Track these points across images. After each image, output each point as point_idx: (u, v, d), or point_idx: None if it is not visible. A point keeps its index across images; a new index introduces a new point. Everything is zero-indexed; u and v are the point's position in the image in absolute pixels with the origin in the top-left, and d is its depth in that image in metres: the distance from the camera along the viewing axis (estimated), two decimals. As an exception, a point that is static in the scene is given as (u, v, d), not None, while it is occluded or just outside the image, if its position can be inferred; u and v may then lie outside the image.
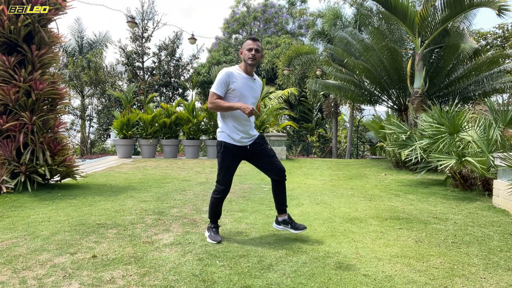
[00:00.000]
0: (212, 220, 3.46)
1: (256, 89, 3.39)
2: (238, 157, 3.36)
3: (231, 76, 3.24)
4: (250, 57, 3.24)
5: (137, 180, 7.18)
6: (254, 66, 3.31)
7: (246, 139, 3.35)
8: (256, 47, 3.26)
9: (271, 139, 11.99)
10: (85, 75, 17.90)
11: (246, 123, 3.34)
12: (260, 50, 3.29)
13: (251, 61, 3.25)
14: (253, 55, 3.24)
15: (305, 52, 15.90)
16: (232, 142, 3.30)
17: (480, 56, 11.35)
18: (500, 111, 5.97)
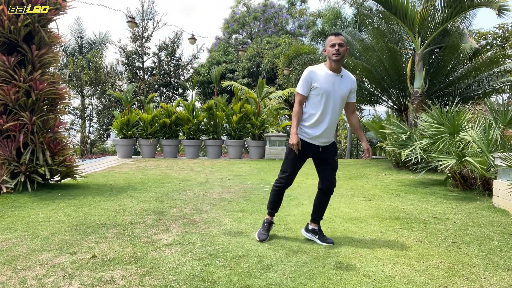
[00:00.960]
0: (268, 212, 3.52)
1: (342, 86, 3.20)
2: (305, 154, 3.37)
3: (314, 74, 3.18)
4: (334, 53, 3.10)
5: (137, 180, 7.18)
6: (340, 62, 3.15)
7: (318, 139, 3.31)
8: (339, 41, 3.11)
9: (271, 139, 12.00)
10: (85, 75, 17.90)
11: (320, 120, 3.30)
12: (344, 44, 3.13)
13: (335, 57, 3.10)
14: (337, 50, 3.09)
15: (305, 52, 15.88)
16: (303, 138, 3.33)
17: (480, 56, 11.35)
18: (500, 111, 5.96)
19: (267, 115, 12.45)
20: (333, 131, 3.33)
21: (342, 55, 3.14)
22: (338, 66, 3.19)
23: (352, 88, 3.27)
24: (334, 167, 3.37)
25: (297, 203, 5.08)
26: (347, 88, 3.24)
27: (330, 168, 3.35)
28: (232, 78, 20.99)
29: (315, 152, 3.32)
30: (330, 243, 3.35)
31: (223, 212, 4.49)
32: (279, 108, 13.78)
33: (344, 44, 3.16)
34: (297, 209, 4.71)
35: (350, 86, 3.25)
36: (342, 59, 3.16)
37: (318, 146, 3.29)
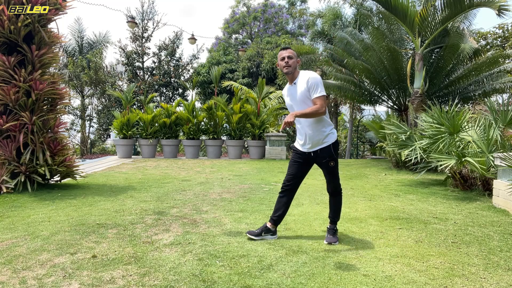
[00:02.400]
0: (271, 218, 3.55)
1: (294, 93, 3.29)
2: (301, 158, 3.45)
3: (284, 95, 3.46)
4: (284, 65, 3.26)
5: (137, 180, 7.18)
6: (292, 74, 3.27)
7: (305, 146, 3.39)
8: (288, 54, 3.25)
9: (271, 139, 11.99)
10: (85, 75, 17.90)
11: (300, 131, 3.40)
12: (293, 56, 3.26)
13: (286, 69, 3.26)
14: (286, 62, 3.24)
15: (305, 52, 15.88)
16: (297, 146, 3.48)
17: (480, 56, 11.34)
18: (500, 111, 5.96)
19: (267, 115, 12.45)
20: (316, 136, 3.30)
21: (293, 67, 3.26)
22: (292, 77, 3.30)
23: (308, 86, 3.20)
24: (330, 170, 3.37)
25: (297, 203, 5.08)
26: (302, 91, 3.24)
27: (327, 172, 3.39)
28: (232, 78, 20.99)
29: (308, 157, 3.40)
30: (327, 242, 3.37)
31: (223, 212, 4.49)
32: (279, 108, 13.78)
33: (294, 56, 3.28)
34: (297, 209, 4.71)
35: (305, 86, 3.22)
36: (294, 70, 3.27)
37: (308, 152, 3.37)
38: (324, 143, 3.32)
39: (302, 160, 3.42)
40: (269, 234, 3.49)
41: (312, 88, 3.19)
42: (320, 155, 3.33)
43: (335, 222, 3.51)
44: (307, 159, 3.41)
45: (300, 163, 3.43)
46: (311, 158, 3.39)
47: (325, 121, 3.31)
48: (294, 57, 3.27)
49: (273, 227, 3.50)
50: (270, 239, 3.47)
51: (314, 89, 3.18)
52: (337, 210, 3.51)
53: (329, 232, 3.46)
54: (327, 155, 3.32)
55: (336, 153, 3.36)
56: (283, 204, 3.50)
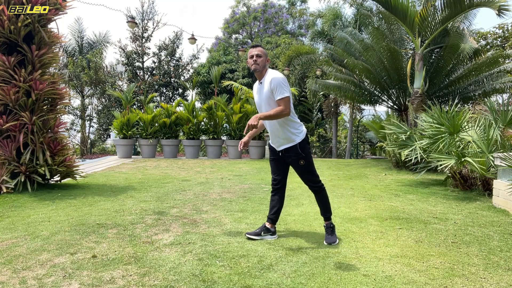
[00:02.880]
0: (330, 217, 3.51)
1: (261, 92, 3.29)
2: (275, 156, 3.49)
3: (253, 90, 3.49)
4: (252, 63, 3.28)
5: (137, 180, 7.18)
6: (260, 72, 3.28)
7: (274, 145, 3.43)
8: (257, 52, 3.26)
9: (271, 139, 11.98)
10: (85, 75, 17.90)
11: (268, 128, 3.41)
12: (262, 55, 3.26)
13: (254, 67, 3.27)
14: (254, 60, 3.26)
15: (305, 52, 15.89)
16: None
17: (480, 56, 11.33)
18: (500, 111, 5.96)
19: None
20: (282, 135, 3.29)
21: (262, 65, 3.26)
22: (260, 75, 3.30)
23: (271, 87, 3.16)
24: (301, 169, 3.35)
25: (297, 203, 5.08)
26: (266, 91, 3.23)
27: (298, 171, 3.39)
28: (232, 78, 20.99)
29: (278, 154, 3.43)
30: (329, 243, 3.35)
31: (223, 212, 4.49)
32: (279, 108, 13.75)
33: (263, 55, 3.27)
34: (297, 209, 4.71)
35: (269, 86, 3.19)
36: (262, 69, 3.27)
37: (278, 151, 3.42)
38: (290, 143, 3.30)
39: (276, 157, 3.45)
40: (269, 234, 3.49)
41: (275, 89, 3.14)
42: (286, 155, 3.35)
43: (329, 218, 3.47)
44: (277, 155, 3.44)
45: (276, 160, 3.47)
46: (283, 156, 3.40)
47: (291, 121, 3.27)
48: (263, 55, 3.27)
49: (272, 226, 3.51)
50: (270, 239, 3.47)
51: (277, 90, 3.13)
52: (325, 205, 3.46)
53: (327, 232, 3.44)
54: (293, 154, 3.30)
55: (305, 151, 3.29)
56: (277, 201, 3.52)
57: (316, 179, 3.38)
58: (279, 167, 3.48)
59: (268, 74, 3.25)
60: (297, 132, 3.29)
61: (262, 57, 3.27)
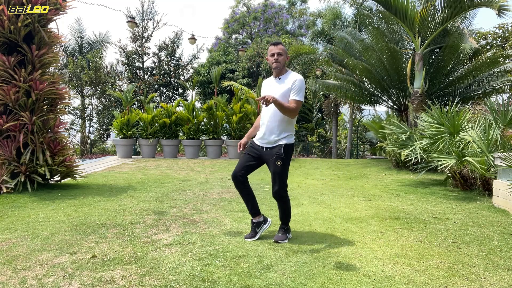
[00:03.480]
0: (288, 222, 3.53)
1: (279, 86, 3.32)
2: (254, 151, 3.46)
3: (263, 84, 3.51)
4: (273, 62, 3.31)
5: (137, 180, 7.18)
6: (279, 70, 3.32)
7: (261, 140, 3.41)
8: (278, 51, 3.29)
9: (271, 139, 11.97)
10: (85, 75, 17.90)
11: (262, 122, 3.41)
12: (283, 53, 3.30)
13: (275, 66, 3.31)
14: (276, 59, 3.29)
15: (305, 52, 15.89)
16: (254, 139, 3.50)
17: (480, 56, 11.34)
18: (500, 111, 5.96)
19: (267, 115, 12.42)
20: (275, 134, 3.31)
21: (282, 64, 3.32)
22: (279, 72, 3.35)
23: (292, 86, 3.25)
24: (276, 170, 3.32)
25: (297, 203, 5.08)
26: (286, 89, 3.27)
27: (273, 171, 3.35)
28: (232, 78, 20.98)
29: (261, 152, 3.40)
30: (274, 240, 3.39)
31: (223, 212, 4.49)
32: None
33: (284, 53, 3.31)
34: (297, 209, 4.71)
35: (289, 86, 3.26)
36: (282, 67, 3.33)
37: (262, 147, 3.39)
38: (278, 142, 3.33)
39: (254, 154, 3.43)
40: (262, 225, 3.52)
41: (295, 89, 3.24)
42: (270, 153, 3.34)
43: (286, 223, 3.50)
44: (259, 154, 3.41)
45: (252, 156, 3.44)
46: (263, 154, 3.38)
47: (289, 125, 3.33)
48: (284, 54, 3.31)
49: (259, 217, 3.53)
50: (266, 227, 3.52)
51: (297, 91, 3.24)
52: (287, 213, 3.47)
53: (279, 231, 3.48)
54: (275, 153, 3.31)
55: (286, 155, 3.31)
56: (248, 195, 3.51)
57: (285, 187, 3.37)
58: (251, 164, 3.45)
59: (292, 73, 3.34)
60: (289, 136, 3.34)
61: (283, 56, 3.31)
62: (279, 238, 3.40)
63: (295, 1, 27.78)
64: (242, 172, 3.45)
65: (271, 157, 3.33)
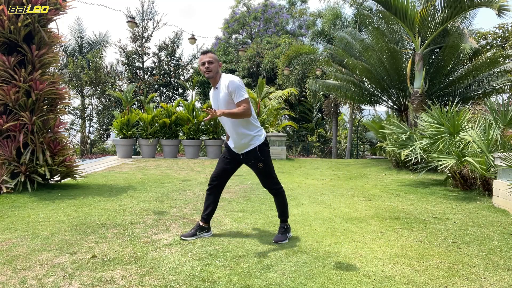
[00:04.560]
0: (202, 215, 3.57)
1: (218, 97, 3.30)
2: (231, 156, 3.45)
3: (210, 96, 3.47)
4: (204, 71, 3.26)
5: (137, 180, 7.18)
6: (213, 78, 3.26)
7: (236, 149, 3.40)
8: (208, 59, 3.23)
9: (271, 139, 11.99)
10: (85, 75, 17.91)
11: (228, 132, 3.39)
12: (213, 61, 3.23)
13: (207, 74, 3.26)
14: (207, 67, 3.24)
15: (305, 52, 15.90)
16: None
17: (480, 56, 11.34)
18: (500, 111, 5.97)
19: (267, 115, 12.45)
20: (242, 139, 3.30)
21: (215, 71, 3.25)
22: (214, 81, 3.29)
23: (229, 91, 3.19)
24: (260, 171, 3.38)
25: (297, 203, 5.08)
26: (223, 96, 3.24)
27: (257, 172, 3.41)
28: (232, 78, 20.95)
29: (237, 157, 3.42)
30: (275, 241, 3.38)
31: (223, 212, 4.49)
32: (279, 108, 13.78)
33: (215, 61, 3.26)
34: (297, 209, 4.71)
35: (226, 91, 3.21)
36: (215, 75, 3.26)
37: (238, 154, 3.41)
38: (250, 146, 3.31)
39: (231, 158, 3.44)
40: (204, 231, 3.52)
41: (233, 93, 3.18)
42: (246, 158, 3.35)
43: (284, 221, 3.52)
44: (236, 158, 3.43)
45: (230, 160, 3.45)
46: (240, 159, 3.41)
47: (250, 123, 3.29)
48: (215, 61, 3.25)
49: (206, 224, 3.53)
50: (206, 236, 3.51)
51: (236, 93, 3.17)
52: (283, 209, 3.50)
53: (279, 231, 3.49)
54: (252, 158, 3.31)
55: (264, 154, 3.31)
56: (212, 202, 3.52)
57: (275, 182, 3.41)
58: (231, 166, 3.45)
59: (223, 78, 3.27)
60: (257, 136, 3.31)
61: (214, 63, 3.24)
62: (279, 239, 3.39)
63: (295, 1, 27.78)
64: (223, 178, 3.47)
65: (249, 161, 3.37)
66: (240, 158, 3.40)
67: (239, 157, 3.41)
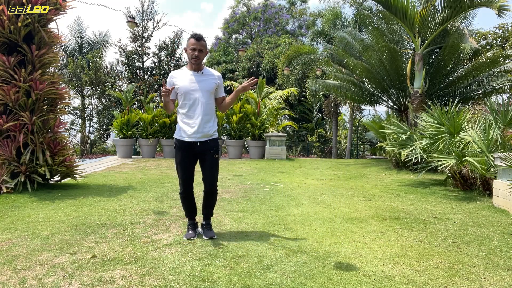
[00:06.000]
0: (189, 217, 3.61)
1: (204, 81, 3.35)
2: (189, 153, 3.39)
3: (173, 77, 3.38)
4: (194, 57, 3.30)
5: (137, 180, 7.18)
6: (198, 65, 3.36)
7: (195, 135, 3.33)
8: (199, 47, 3.30)
9: (271, 139, 11.99)
10: (85, 75, 17.91)
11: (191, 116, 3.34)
12: (203, 50, 3.33)
13: (194, 61, 3.31)
14: (196, 55, 3.29)
15: (305, 52, 15.89)
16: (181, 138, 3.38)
17: (480, 56, 11.33)
18: (500, 111, 5.96)
19: (267, 115, 12.45)
20: (208, 128, 3.35)
21: (201, 60, 3.37)
22: (198, 67, 3.39)
23: (217, 83, 3.43)
24: (214, 163, 3.39)
25: (297, 203, 5.08)
26: (211, 84, 3.38)
27: (210, 164, 3.38)
28: (232, 78, 20.99)
29: (194, 148, 3.36)
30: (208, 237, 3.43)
31: (223, 212, 4.49)
32: (279, 108, 13.78)
33: (204, 50, 3.35)
34: (297, 209, 4.71)
35: (215, 82, 3.41)
36: (200, 63, 3.38)
37: (195, 142, 3.35)
38: (213, 136, 3.41)
39: (188, 154, 3.37)
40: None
41: (220, 87, 3.47)
42: (209, 145, 3.37)
43: (210, 218, 3.60)
44: (193, 151, 3.36)
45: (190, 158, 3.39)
46: (196, 149, 3.35)
47: (216, 117, 3.53)
48: (205, 50, 3.35)
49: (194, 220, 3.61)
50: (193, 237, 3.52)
51: (222, 88, 3.50)
52: (213, 205, 3.57)
53: (207, 228, 3.53)
54: (214, 146, 3.41)
55: (219, 149, 3.46)
56: (194, 205, 3.57)
57: (217, 178, 3.49)
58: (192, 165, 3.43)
59: (210, 69, 3.47)
60: (216, 130, 3.47)
61: (203, 53, 3.34)
62: (212, 235, 3.45)
63: (295, 1, 27.79)
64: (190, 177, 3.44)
65: (208, 151, 3.36)
66: (197, 147, 3.33)
67: (196, 146, 3.33)
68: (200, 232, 3.58)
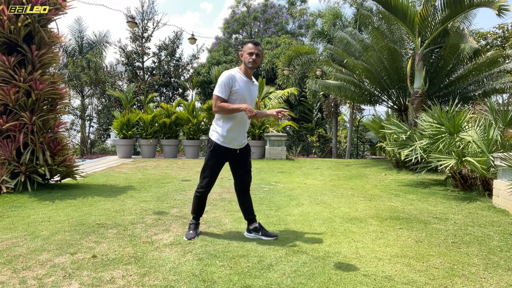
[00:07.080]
0: (193, 216, 3.61)
1: (254, 92, 3.50)
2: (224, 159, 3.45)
3: (234, 79, 3.29)
4: (250, 61, 3.29)
5: (137, 180, 7.18)
6: (253, 70, 3.40)
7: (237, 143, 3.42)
8: (257, 51, 3.31)
9: (271, 139, 11.99)
10: (85, 75, 17.91)
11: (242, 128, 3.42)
12: (260, 55, 3.35)
13: (251, 65, 3.31)
14: (253, 59, 3.30)
15: (305, 52, 15.89)
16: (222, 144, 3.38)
17: (480, 56, 11.32)
18: (500, 111, 5.96)
19: (267, 115, 12.43)
20: (246, 133, 3.51)
21: (257, 65, 3.37)
22: (251, 73, 3.41)
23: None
24: (249, 164, 3.51)
25: (297, 203, 5.08)
26: (256, 94, 3.53)
27: (246, 169, 3.49)
28: (232, 78, 20.94)
29: (233, 155, 3.43)
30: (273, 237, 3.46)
31: (223, 212, 4.49)
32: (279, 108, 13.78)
33: (261, 55, 3.36)
34: (297, 209, 4.71)
35: (257, 91, 3.59)
36: (256, 67, 3.39)
37: (235, 149, 3.42)
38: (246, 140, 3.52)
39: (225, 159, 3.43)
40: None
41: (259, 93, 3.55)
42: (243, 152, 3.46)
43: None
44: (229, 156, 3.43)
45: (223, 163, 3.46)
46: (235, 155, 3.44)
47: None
48: (261, 56, 3.37)
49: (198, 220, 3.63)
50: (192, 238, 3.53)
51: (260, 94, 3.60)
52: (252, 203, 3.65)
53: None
54: (249, 149, 3.54)
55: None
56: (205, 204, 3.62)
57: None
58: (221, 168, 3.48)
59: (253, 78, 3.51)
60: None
61: (260, 57, 3.36)
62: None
63: (295, 1, 27.78)
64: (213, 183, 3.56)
65: (246, 154, 3.51)
66: (237, 153, 3.43)
67: (236, 153, 3.42)
68: (199, 232, 3.59)
